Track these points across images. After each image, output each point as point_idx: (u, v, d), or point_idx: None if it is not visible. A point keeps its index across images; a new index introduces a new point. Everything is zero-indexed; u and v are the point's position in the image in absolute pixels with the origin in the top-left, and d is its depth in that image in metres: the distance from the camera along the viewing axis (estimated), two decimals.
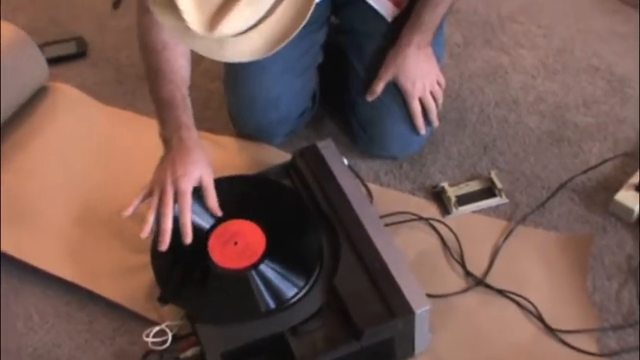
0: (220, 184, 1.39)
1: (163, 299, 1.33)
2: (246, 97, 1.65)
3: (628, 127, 1.70)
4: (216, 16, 1.03)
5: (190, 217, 1.32)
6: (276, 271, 1.33)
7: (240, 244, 1.35)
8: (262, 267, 1.33)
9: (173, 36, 1.12)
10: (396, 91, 1.61)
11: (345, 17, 1.70)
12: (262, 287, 1.31)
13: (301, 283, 1.31)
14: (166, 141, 1.40)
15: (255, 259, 1.34)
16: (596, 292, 1.42)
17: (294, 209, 1.43)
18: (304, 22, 1.08)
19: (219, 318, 1.28)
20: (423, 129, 1.62)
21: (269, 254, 1.35)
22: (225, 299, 1.32)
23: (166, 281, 1.34)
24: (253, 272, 1.33)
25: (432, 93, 1.62)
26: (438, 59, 1.66)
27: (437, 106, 1.64)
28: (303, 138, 1.71)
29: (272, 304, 1.29)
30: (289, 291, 1.30)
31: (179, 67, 1.42)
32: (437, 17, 1.57)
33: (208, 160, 1.39)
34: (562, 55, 1.89)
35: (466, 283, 1.45)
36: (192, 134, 1.39)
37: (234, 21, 1.03)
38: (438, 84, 1.64)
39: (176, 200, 1.33)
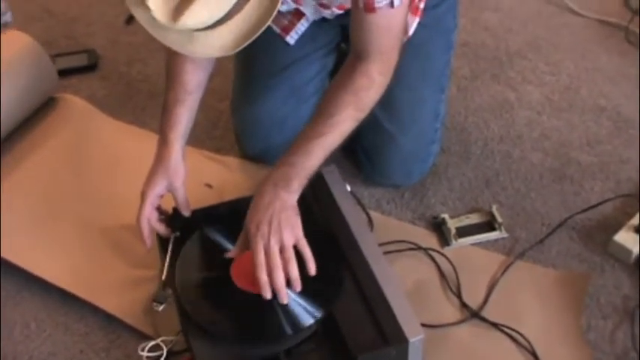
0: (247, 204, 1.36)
1: (158, 300, 1.34)
2: (251, 119, 1.66)
3: (630, 168, 1.71)
4: (180, 7, 1.04)
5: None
6: (291, 298, 1.29)
7: None
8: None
9: (146, 28, 1.13)
10: (399, 119, 1.61)
11: None
12: (281, 313, 1.28)
13: (318, 314, 1.28)
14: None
15: None
16: (591, 330, 1.42)
17: (319, 237, 1.36)
18: (271, 19, 1.09)
19: (219, 335, 1.28)
20: (267, 294, 1.26)
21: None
22: (235, 318, 1.30)
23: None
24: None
25: (284, 253, 1.27)
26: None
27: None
28: None
29: (289, 331, 1.26)
30: (306, 319, 1.27)
31: (184, 72, 1.39)
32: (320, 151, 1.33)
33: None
34: (568, 93, 1.90)
35: (461, 315, 1.45)
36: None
37: (198, 12, 1.04)
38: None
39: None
